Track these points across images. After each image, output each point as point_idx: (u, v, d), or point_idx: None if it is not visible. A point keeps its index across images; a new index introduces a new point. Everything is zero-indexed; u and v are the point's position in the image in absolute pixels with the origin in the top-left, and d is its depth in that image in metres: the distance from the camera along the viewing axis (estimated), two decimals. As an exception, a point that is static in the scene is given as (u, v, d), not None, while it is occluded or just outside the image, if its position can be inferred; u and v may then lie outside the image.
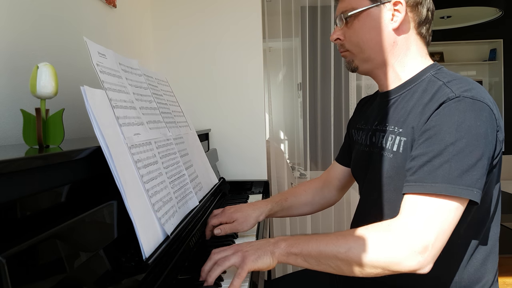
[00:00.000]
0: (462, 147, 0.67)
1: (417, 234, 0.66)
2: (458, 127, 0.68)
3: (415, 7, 0.82)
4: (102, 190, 0.67)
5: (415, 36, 0.84)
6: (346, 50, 0.88)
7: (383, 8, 0.82)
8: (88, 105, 0.62)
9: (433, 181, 0.67)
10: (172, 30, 1.74)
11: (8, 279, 0.39)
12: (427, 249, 0.66)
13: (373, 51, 0.84)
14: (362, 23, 0.83)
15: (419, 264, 0.66)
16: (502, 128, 0.73)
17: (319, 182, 1.15)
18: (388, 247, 0.68)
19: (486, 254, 0.79)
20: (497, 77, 4.81)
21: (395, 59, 0.84)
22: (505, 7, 3.39)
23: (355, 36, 0.85)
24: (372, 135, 0.89)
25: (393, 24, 0.81)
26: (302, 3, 2.20)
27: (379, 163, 0.83)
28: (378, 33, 0.83)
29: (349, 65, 0.90)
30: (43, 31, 0.93)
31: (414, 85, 0.82)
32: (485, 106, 0.69)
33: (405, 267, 0.67)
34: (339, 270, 0.71)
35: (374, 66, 0.87)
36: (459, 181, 0.66)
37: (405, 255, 0.66)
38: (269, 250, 0.73)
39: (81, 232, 0.54)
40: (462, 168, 0.66)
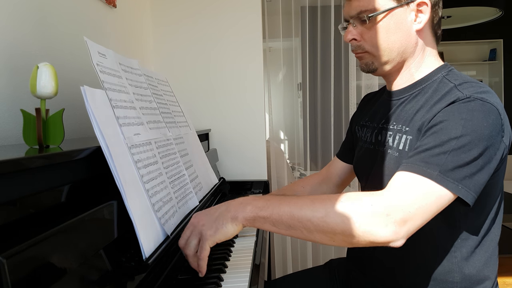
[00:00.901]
0: (464, 143, 0.67)
1: (399, 206, 0.65)
2: (465, 123, 0.68)
3: (435, 6, 0.80)
4: (102, 190, 0.67)
5: (431, 36, 0.83)
6: (365, 52, 0.84)
7: (407, 9, 0.79)
8: (88, 105, 0.62)
9: (426, 166, 0.67)
10: (172, 30, 1.74)
11: (8, 279, 0.39)
12: (406, 223, 0.65)
13: (396, 53, 0.81)
14: (386, 25, 0.80)
15: (395, 234, 0.64)
16: (508, 133, 0.72)
17: (318, 177, 1.14)
18: (366, 214, 0.65)
19: (487, 255, 0.78)
20: (497, 77, 4.81)
21: (413, 60, 0.83)
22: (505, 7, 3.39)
23: (377, 38, 0.81)
24: (378, 133, 0.88)
25: (417, 25, 0.79)
26: (302, 3, 2.19)
27: (384, 161, 0.83)
28: (402, 35, 0.80)
29: (367, 67, 0.86)
30: (43, 31, 0.93)
31: (425, 85, 0.82)
32: (494, 109, 0.69)
33: (380, 236, 0.64)
34: (310, 236, 0.67)
35: (394, 68, 0.85)
36: (450, 173, 0.66)
37: (383, 223, 0.64)
38: (229, 216, 0.69)
39: (81, 232, 0.54)
40: (457, 163, 0.66)
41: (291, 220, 0.67)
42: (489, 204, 0.77)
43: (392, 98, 0.88)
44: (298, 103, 2.77)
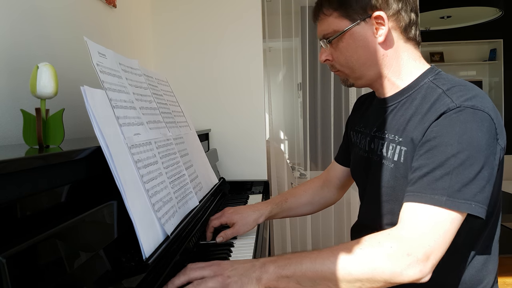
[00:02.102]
0: (463, 160, 0.66)
1: (418, 242, 0.65)
2: (459, 139, 0.67)
3: (396, 15, 0.79)
4: (102, 190, 0.67)
5: (404, 42, 0.82)
6: (338, 70, 0.87)
7: (364, 25, 0.79)
8: (88, 105, 0.62)
9: (432, 192, 0.66)
10: (172, 30, 1.74)
11: (8, 279, 0.39)
12: (429, 258, 0.64)
13: (364, 68, 0.83)
14: (347, 44, 0.81)
15: (421, 272, 0.64)
16: (503, 135, 0.72)
17: (318, 181, 1.14)
18: (389, 258, 0.65)
19: (486, 256, 0.78)
20: (497, 77, 4.81)
21: (388, 70, 0.83)
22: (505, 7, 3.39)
23: (342, 57, 0.83)
24: (370, 141, 0.88)
25: (378, 38, 0.79)
26: (302, 3, 2.19)
27: (380, 172, 0.82)
28: (365, 51, 0.81)
29: (345, 83, 0.89)
30: (43, 31, 0.93)
31: (412, 92, 0.81)
32: (486, 116, 0.68)
33: (407, 277, 0.64)
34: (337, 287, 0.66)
35: (369, 81, 0.86)
36: (458, 194, 0.65)
37: (407, 264, 0.64)
38: (254, 276, 0.66)
39: (81, 232, 0.54)
40: (462, 181, 0.65)
41: (315, 276, 0.66)
42: (488, 206, 0.77)
43: (381, 106, 0.87)
44: (298, 103, 2.77)
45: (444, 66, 4.74)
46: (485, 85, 4.91)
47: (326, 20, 0.82)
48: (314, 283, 0.66)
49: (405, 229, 0.67)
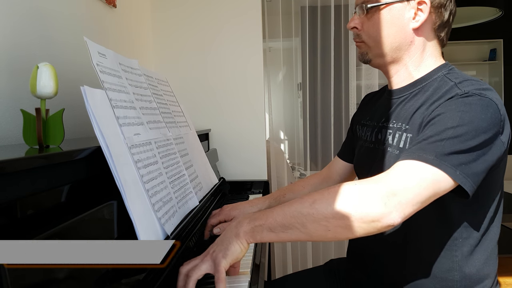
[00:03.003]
0: (460, 133, 0.67)
1: (388, 181, 0.65)
2: (462, 115, 0.67)
3: (438, 8, 0.80)
4: (102, 190, 0.67)
5: (433, 38, 0.83)
6: (362, 41, 0.86)
7: (406, 6, 0.80)
8: (88, 105, 0.62)
9: (422, 152, 0.67)
10: (172, 30, 1.74)
11: (8, 279, 0.39)
12: (395, 195, 0.64)
13: (389, 47, 0.83)
14: (383, 17, 0.81)
15: (385, 207, 0.63)
16: (507, 131, 0.72)
17: (318, 178, 1.14)
18: (355, 193, 0.65)
19: (487, 254, 0.78)
20: (497, 77, 4.81)
21: (409, 58, 0.83)
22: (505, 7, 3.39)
23: (373, 29, 0.83)
24: (378, 132, 0.88)
25: (414, 23, 0.80)
26: (302, 3, 2.19)
27: (384, 159, 0.83)
28: (397, 30, 0.81)
29: (362, 57, 0.88)
30: (43, 31, 0.93)
31: (425, 83, 0.82)
32: (492, 104, 0.69)
33: (371, 211, 0.64)
34: (306, 232, 0.66)
35: (388, 62, 0.86)
36: (446, 158, 0.66)
37: (372, 198, 0.64)
38: (233, 235, 0.69)
39: (81, 232, 0.54)
40: (453, 149, 0.66)
41: (284, 218, 0.67)
42: (488, 202, 0.77)
43: (392, 97, 0.88)
44: (298, 103, 2.77)
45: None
46: (485, 85, 4.91)
47: None
48: (284, 227, 0.67)
49: (381, 174, 0.68)
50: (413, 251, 0.80)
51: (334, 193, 0.67)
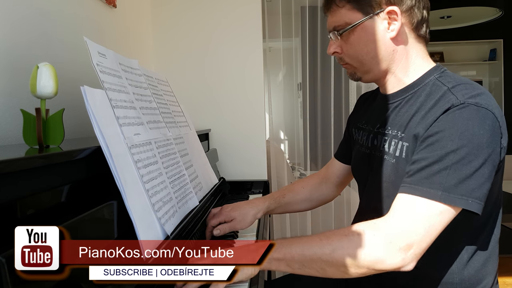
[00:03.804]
0: (462, 156, 0.66)
1: (402, 231, 0.66)
2: (461, 135, 0.67)
3: (409, 11, 0.79)
4: (102, 190, 0.67)
5: (414, 39, 0.82)
6: (346, 63, 0.87)
7: (377, 19, 0.79)
8: (88, 105, 0.62)
9: (428, 186, 0.67)
10: (172, 30, 1.74)
11: (8, 279, 0.39)
12: (411, 247, 0.65)
13: (373, 62, 0.82)
14: (358, 37, 0.81)
15: (402, 261, 0.66)
16: (505, 133, 0.71)
17: (317, 178, 1.14)
18: (372, 245, 0.67)
19: (486, 255, 0.78)
20: (497, 77, 4.81)
21: (396, 66, 0.83)
22: (505, 7, 3.39)
23: (352, 51, 0.83)
24: (373, 138, 0.88)
25: (390, 33, 0.79)
26: (302, 3, 2.19)
27: (381, 167, 0.82)
28: (376, 45, 0.80)
29: (352, 76, 0.89)
30: (43, 31, 0.93)
31: (417, 88, 0.81)
32: (489, 114, 0.68)
33: (389, 265, 0.66)
34: (324, 273, 0.70)
35: (377, 76, 0.85)
36: (454, 189, 0.65)
37: (389, 252, 0.66)
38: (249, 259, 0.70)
39: (81, 232, 0.54)
40: (460, 177, 0.66)
41: (303, 259, 0.69)
42: (489, 204, 0.77)
43: (385, 102, 0.87)
44: (298, 103, 2.77)
45: (444, 66, 4.73)
46: (485, 85, 4.91)
47: (339, 11, 0.82)
48: (302, 266, 0.70)
49: (393, 218, 0.69)
50: None
51: (353, 242, 0.68)
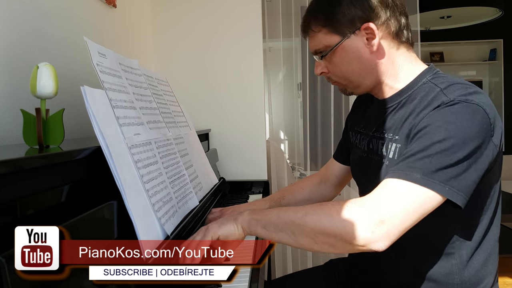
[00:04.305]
0: (447, 147, 0.66)
1: (376, 206, 0.66)
2: (448, 127, 0.67)
3: (386, 22, 0.79)
4: (102, 190, 0.67)
5: (397, 47, 0.82)
6: (335, 81, 0.88)
7: (355, 38, 0.79)
8: (88, 105, 0.62)
9: (410, 170, 0.67)
10: (172, 30, 1.74)
11: (8, 279, 0.39)
12: (383, 223, 0.64)
13: (360, 78, 0.83)
14: (340, 58, 0.81)
15: (372, 235, 0.64)
16: (498, 132, 0.71)
17: (316, 178, 1.15)
18: (343, 215, 0.67)
19: (486, 255, 0.78)
20: (497, 77, 4.81)
21: (385, 77, 0.83)
22: (505, 7, 3.39)
23: (338, 70, 0.84)
24: (369, 142, 0.88)
25: (371, 48, 0.79)
26: (302, 3, 2.19)
27: (378, 170, 0.83)
28: (359, 62, 0.81)
29: (343, 92, 0.90)
30: (43, 31, 0.93)
31: (411, 92, 0.81)
32: (479, 109, 0.68)
33: (358, 237, 0.65)
34: (295, 239, 0.70)
35: (368, 88, 0.86)
36: (434, 175, 0.65)
37: (360, 224, 0.65)
38: (232, 217, 0.75)
39: (81, 232, 0.54)
40: (441, 165, 0.66)
41: (278, 220, 0.72)
42: (486, 204, 0.77)
43: (382, 106, 0.87)
44: (298, 103, 2.77)
45: (444, 66, 4.74)
46: (485, 85, 4.91)
47: (316, 36, 0.83)
48: (276, 228, 0.72)
49: (371, 196, 0.69)
50: (411, 255, 0.80)
51: (326, 210, 0.69)
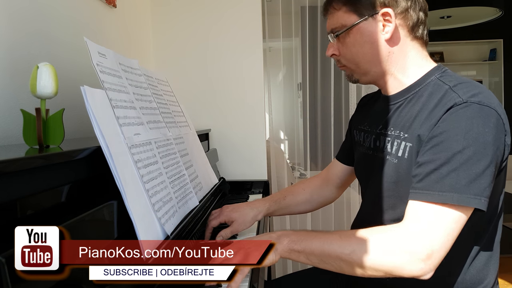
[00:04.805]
0: (469, 156, 0.66)
1: (421, 241, 0.66)
2: (465, 135, 0.67)
3: (404, 13, 0.80)
4: (102, 190, 0.67)
5: (411, 41, 0.82)
6: (344, 65, 0.88)
7: (372, 21, 0.80)
8: (88, 105, 0.62)
9: (440, 190, 0.67)
10: (172, 30, 1.74)
11: (8, 278, 0.39)
12: (431, 257, 0.65)
13: (369, 64, 0.83)
14: (354, 39, 0.82)
15: (421, 271, 0.66)
16: (509, 132, 0.72)
17: (318, 180, 1.14)
18: (391, 252, 0.67)
19: (488, 256, 0.78)
20: (497, 77, 4.81)
21: (394, 68, 0.83)
22: (505, 7, 3.39)
23: (349, 52, 0.84)
24: (376, 139, 0.88)
25: (385, 35, 0.80)
26: (302, 3, 2.19)
27: (384, 168, 0.82)
28: (371, 47, 0.81)
29: (349, 78, 0.90)
30: (43, 31, 0.93)
31: (419, 88, 0.81)
32: (492, 112, 0.68)
33: (407, 273, 0.67)
34: (341, 270, 0.71)
35: (374, 77, 0.86)
36: (467, 190, 0.65)
37: (408, 261, 0.66)
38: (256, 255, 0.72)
39: (81, 232, 0.54)
40: (470, 177, 0.66)
41: (322, 255, 0.71)
42: (490, 204, 0.77)
43: (387, 103, 0.87)
44: (298, 103, 2.77)
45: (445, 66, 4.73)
46: (485, 85, 4.89)
47: (336, 14, 0.83)
48: (321, 261, 0.72)
49: (410, 226, 0.69)
50: None
51: (375, 245, 0.69)
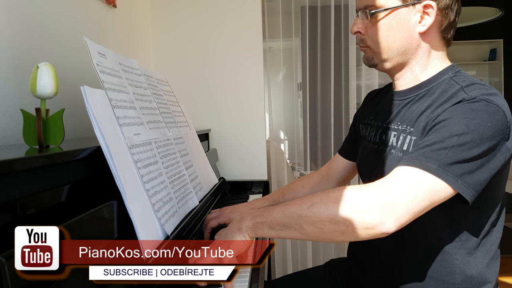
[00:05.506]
0: (464, 141, 0.66)
1: (387, 190, 0.66)
2: (467, 122, 0.67)
3: (445, 10, 0.78)
4: (102, 190, 0.67)
5: (439, 40, 0.82)
6: (367, 46, 0.84)
7: (412, 10, 0.78)
8: (88, 105, 0.62)
9: (425, 159, 0.67)
10: (172, 30, 1.74)
11: (8, 278, 0.39)
12: (393, 205, 0.64)
13: (395, 52, 0.81)
14: (388, 23, 0.79)
15: (381, 216, 0.64)
16: None
17: (317, 176, 1.13)
18: (353, 199, 0.66)
19: (489, 257, 0.78)
20: (497, 77, 4.81)
21: (416, 62, 0.82)
22: (505, 7, 3.38)
23: (378, 35, 0.81)
24: (382, 133, 0.88)
25: (421, 27, 0.78)
26: (302, 3, 2.19)
27: (388, 161, 0.82)
28: (403, 36, 0.79)
29: (368, 61, 0.87)
30: (43, 31, 0.93)
31: (431, 86, 0.80)
32: (499, 111, 0.68)
33: (366, 219, 0.65)
34: (303, 232, 0.69)
35: (394, 66, 0.84)
36: (448, 168, 0.65)
37: (367, 210, 0.65)
38: (236, 228, 0.74)
39: (81, 232, 0.54)
40: (456, 159, 0.65)
41: (283, 218, 0.71)
42: (491, 206, 0.77)
43: (397, 98, 0.87)
44: (298, 103, 2.77)
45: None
46: (485, 85, 4.90)
47: None
48: (283, 226, 0.71)
49: (381, 180, 0.68)
50: (413, 253, 0.80)
51: (332, 197, 0.68)
